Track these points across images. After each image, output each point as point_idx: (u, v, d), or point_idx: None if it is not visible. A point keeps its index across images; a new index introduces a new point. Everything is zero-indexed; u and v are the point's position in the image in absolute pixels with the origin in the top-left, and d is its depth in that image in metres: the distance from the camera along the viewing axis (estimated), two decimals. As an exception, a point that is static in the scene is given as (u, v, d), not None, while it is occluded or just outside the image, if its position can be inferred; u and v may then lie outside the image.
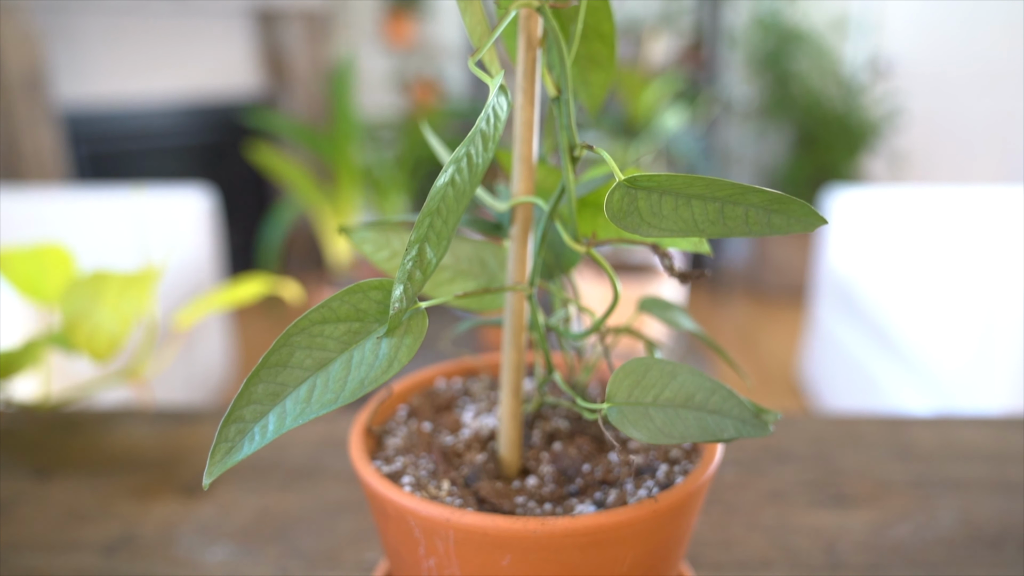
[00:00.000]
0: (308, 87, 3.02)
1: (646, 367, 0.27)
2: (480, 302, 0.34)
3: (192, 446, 0.62)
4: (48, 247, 0.72)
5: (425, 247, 0.25)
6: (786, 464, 0.58)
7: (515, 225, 0.31)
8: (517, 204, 0.31)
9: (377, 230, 0.34)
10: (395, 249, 0.34)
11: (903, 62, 3.07)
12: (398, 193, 1.61)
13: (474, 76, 2.77)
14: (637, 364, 0.27)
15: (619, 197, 0.24)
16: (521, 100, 0.30)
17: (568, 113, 0.29)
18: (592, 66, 0.34)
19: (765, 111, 2.90)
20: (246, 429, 0.25)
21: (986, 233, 1.81)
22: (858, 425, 0.64)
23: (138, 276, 0.58)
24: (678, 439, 0.27)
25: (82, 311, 0.53)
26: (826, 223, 0.25)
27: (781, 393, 2.16)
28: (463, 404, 0.39)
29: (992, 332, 1.31)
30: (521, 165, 0.30)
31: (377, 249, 0.34)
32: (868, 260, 1.85)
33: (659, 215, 0.25)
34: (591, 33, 0.33)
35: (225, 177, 3.02)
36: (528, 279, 0.31)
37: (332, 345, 0.26)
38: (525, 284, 0.30)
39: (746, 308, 2.85)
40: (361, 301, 0.26)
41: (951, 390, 1.43)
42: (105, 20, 2.61)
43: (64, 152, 2.53)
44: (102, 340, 0.52)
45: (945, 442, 0.61)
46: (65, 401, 0.65)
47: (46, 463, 0.60)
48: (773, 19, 2.88)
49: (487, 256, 0.34)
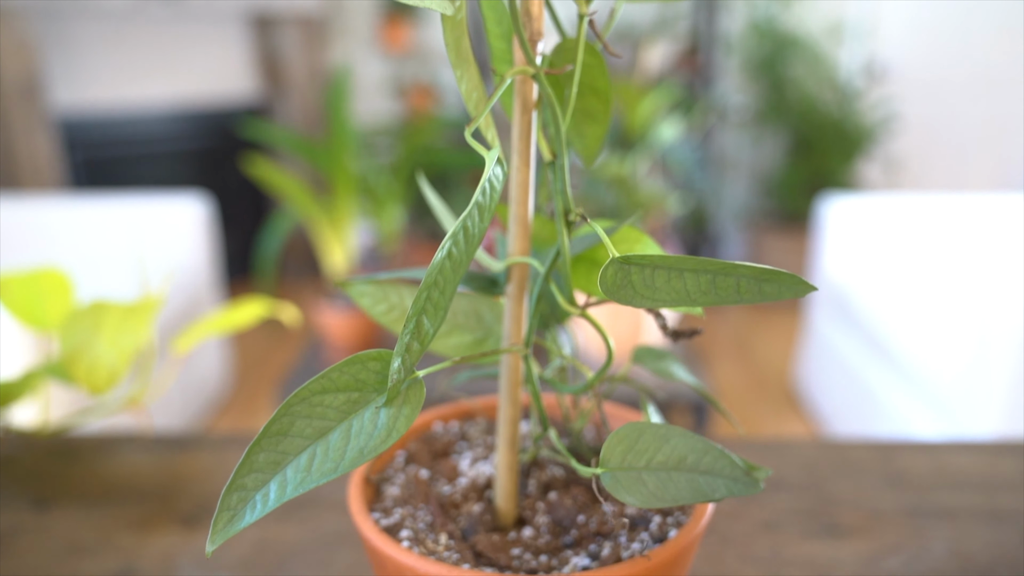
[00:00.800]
0: (304, 92, 3.02)
1: (639, 432, 0.28)
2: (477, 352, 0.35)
3: (191, 474, 0.63)
4: (46, 271, 0.72)
5: (423, 319, 0.26)
6: (780, 492, 0.59)
7: (511, 283, 0.32)
8: (513, 264, 0.31)
9: (374, 285, 0.34)
10: (392, 303, 0.34)
11: (898, 67, 3.08)
12: (395, 203, 1.61)
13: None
14: (631, 429, 0.28)
15: (613, 272, 0.25)
16: (517, 162, 0.30)
17: (563, 178, 0.29)
18: (587, 120, 0.35)
19: (761, 116, 2.90)
20: (248, 497, 0.26)
21: (981, 242, 1.82)
22: (851, 450, 0.65)
23: (137, 306, 0.58)
24: (670, 502, 0.27)
25: (81, 344, 0.54)
26: (815, 290, 0.26)
27: (777, 401, 2.17)
28: (460, 449, 0.39)
29: (987, 341, 1.32)
30: (517, 226, 0.31)
31: (375, 303, 0.34)
32: (863, 268, 1.86)
33: (652, 287, 0.26)
34: (586, 90, 0.34)
35: (221, 182, 3.02)
36: (524, 339, 0.31)
37: (332, 414, 0.26)
38: (521, 345, 0.31)
39: (742, 313, 2.86)
40: (360, 372, 0.26)
41: (947, 399, 1.44)
42: (101, 26, 2.60)
43: (60, 158, 2.53)
44: (101, 374, 0.52)
45: (937, 468, 0.62)
46: (64, 428, 0.65)
47: (45, 493, 0.60)
48: (769, 25, 2.89)
49: (483, 310, 0.34)
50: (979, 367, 1.35)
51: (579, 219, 0.29)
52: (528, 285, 0.32)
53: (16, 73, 2.35)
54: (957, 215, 1.99)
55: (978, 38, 3.05)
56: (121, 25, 2.64)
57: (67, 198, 2.11)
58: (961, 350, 1.40)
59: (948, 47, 3.07)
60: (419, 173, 0.37)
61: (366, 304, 0.34)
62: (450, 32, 0.28)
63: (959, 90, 3.12)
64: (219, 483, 0.61)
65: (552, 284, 0.31)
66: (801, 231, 2.81)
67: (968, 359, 1.38)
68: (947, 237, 1.84)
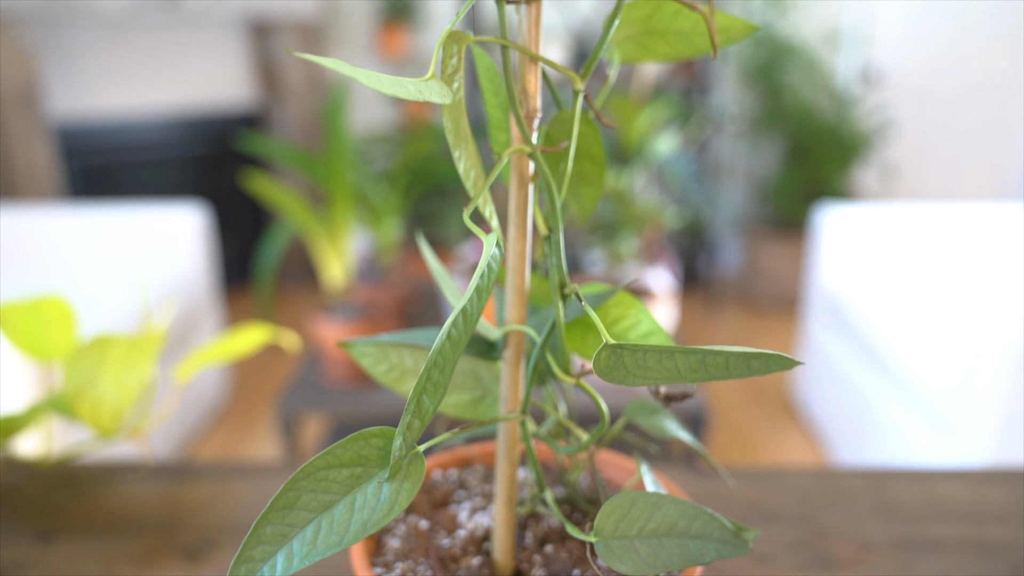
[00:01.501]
0: (301, 99, 3.02)
1: (631, 501, 0.29)
2: (475, 412, 0.36)
3: (192, 504, 0.64)
4: (48, 300, 0.72)
5: (423, 398, 0.27)
6: (773, 524, 0.60)
7: (509, 348, 0.33)
8: (510, 331, 0.32)
9: (376, 346, 0.35)
10: (392, 363, 0.35)
11: (893, 74, 3.10)
12: (392, 215, 1.62)
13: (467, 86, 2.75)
14: (623, 499, 0.29)
15: (606, 356, 0.26)
16: (514, 233, 0.31)
17: (559, 252, 0.30)
18: (583, 183, 0.36)
19: (758, 123, 2.92)
20: (255, 569, 0.27)
21: (977, 252, 1.84)
22: (843, 479, 0.66)
23: (139, 340, 0.59)
24: (662, 568, 0.28)
25: (85, 381, 0.55)
26: (801, 364, 0.27)
27: (774, 409, 2.19)
28: (459, 499, 0.40)
29: (982, 353, 1.33)
30: (514, 294, 0.32)
31: (376, 363, 0.35)
32: (859, 277, 1.88)
33: (644, 367, 0.27)
34: (582, 155, 0.35)
35: (219, 189, 3.02)
36: (521, 406, 0.32)
37: (336, 488, 0.27)
38: (518, 411, 0.32)
39: (739, 319, 2.88)
40: (363, 448, 0.27)
41: (942, 410, 1.45)
42: (98, 33, 2.61)
43: (57, 166, 2.53)
44: (105, 413, 0.53)
45: (928, 497, 0.63)
46: (66, 458, 0.66)
47: (49, 525, 0.61)
48: (765, 32, 2.90)
49: (481, 370, 0.35)
50: (974, 378, 1.36)
51: (574, 294, 0.29)
52: (525, 349, 0.33)
53: (14, 81, 2.35)
54: (953, 224, 2.01)
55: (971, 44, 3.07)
56: (118, 32, 2.65)
57: (65, 207, 2.11)
58: (956, 361, 1.41)
59: (943, 53, 3.08)
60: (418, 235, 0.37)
61: (367, 364, 0.35)
62: (449, 115, 0.28)
63: (954, 96, 3.14)
64: (220, 515, 0.62)
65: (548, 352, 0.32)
66: (797, 237, 2.83)
67: (963, 370, 1.39)
68: (943, 247, 1.86)
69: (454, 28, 0.28)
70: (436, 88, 0.26)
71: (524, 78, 0.30)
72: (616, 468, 0.41)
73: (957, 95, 3.14)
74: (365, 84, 0.23)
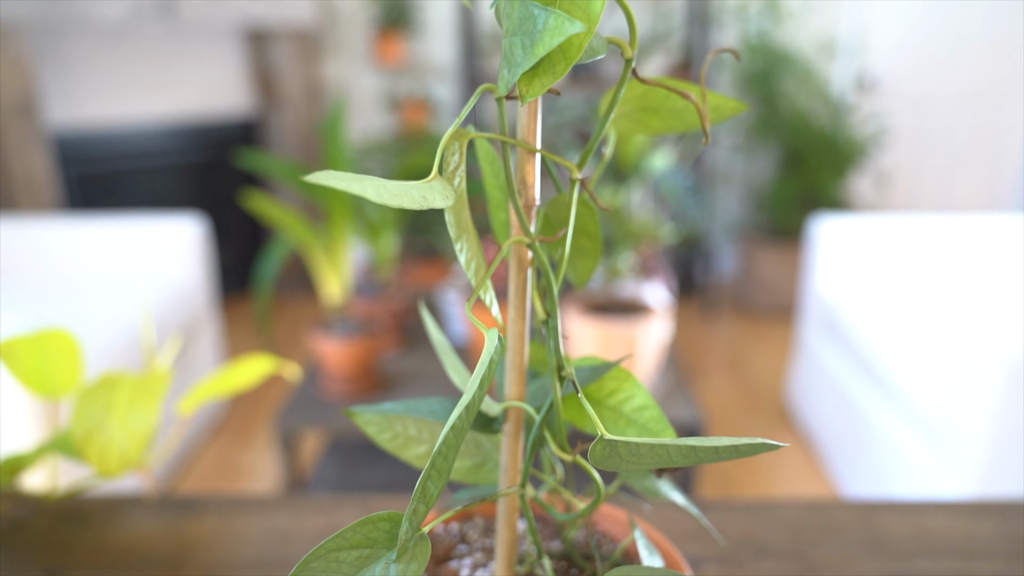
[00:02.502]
0: (298, 107, 3.03)
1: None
2: (476, 476, 0.37)
3: (198, 539, 0.65)
4: (52, 334, 0.74)
5: (428, 484, 0.28)
6: (765, 559, 0.61)
7: (508, 422, 0.34)
8: (509, 407, 0.33)
9: (380, 415, 0.36)
10: (396, 432, 0.37)
11: (888, 82, 3.11)
12: (389, 230, 1.63)
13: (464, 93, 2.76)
14: (621, 573, 0.30)
15: (601, 448, 0.27)
16: (513, 315, 0.33)
17: (556, 337, 0.31)
18: (580, 256, 0.37)
19: (754, 131, 2.93)
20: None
21: (971, 264, 1.86)
22: (833, 512, 0.68)
23: (146, 382, 0.60)
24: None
25: (94, 425, 0.56)
26: (788, 445, 0.28)
27: (769, 416, 2.20)
28: (460, 553, 0.41)
29: (975, 365, 1.35)
30: (514, 372, 0.33)
31: (380, 431, 0.37)
32: (854, 287, 1.89)
33: (637, 455, 0.28)
34: (579, 232, 0.36)
35: (216, 196, 3.03)
36: (520, 480, 0.33)
37: (346, 569, 0.28)
38: (517, 485, 0.33)
39: (735, 325, 2.89)
40: (371, 531, 0.28)
41: (934, 422, 1.47)
42: (95, 43, 2.61)
43: (55, 176, 2.54)
44: (113, 457, 0.54)
45: (916, 531, 0.65)
46: (72, 493, 0.67)
47: (56, 560, 0.62)
48: (761, 40, 2.92)
49: (482, 439, 0.37)
50: (967, 391, 1.38)
51: (571, 376, 0.31)
52: (524, 422, 0.34)
53: (11, 91, 2.36)
54: (948, 236, 2.02)
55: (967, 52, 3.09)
56: (115, 41, 2.65)
57: (63, 218, 2.12)
58: (949, 374, 1.43)
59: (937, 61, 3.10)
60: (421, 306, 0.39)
61: (372, 432, 0.37)
62: (451, 209, 0.30)
63: (948, 104, 3.16)
64: (226, 550, 0.63)
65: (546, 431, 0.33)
66: (794, 245, 2.85)
67: (956, 383, 1.41)
68: (938, 258, 1.88)
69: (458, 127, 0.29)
70: (439, 189, 0.28)
71: (523, 169, 0.31)
72: (613, 521, 0.43)
73: (951, 103, 3.16)
74: (373, 199, 0.24)
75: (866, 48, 3.08)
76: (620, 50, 0.31)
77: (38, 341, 0.72)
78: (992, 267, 1.86)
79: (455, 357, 0.37)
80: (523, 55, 0.26)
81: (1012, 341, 1.30)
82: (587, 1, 0.27)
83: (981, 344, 1.34)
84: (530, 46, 0.25)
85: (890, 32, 3.08)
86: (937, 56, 3.10)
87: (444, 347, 0.37)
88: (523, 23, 0.26)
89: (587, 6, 0.26)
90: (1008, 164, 3.24)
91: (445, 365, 0.36)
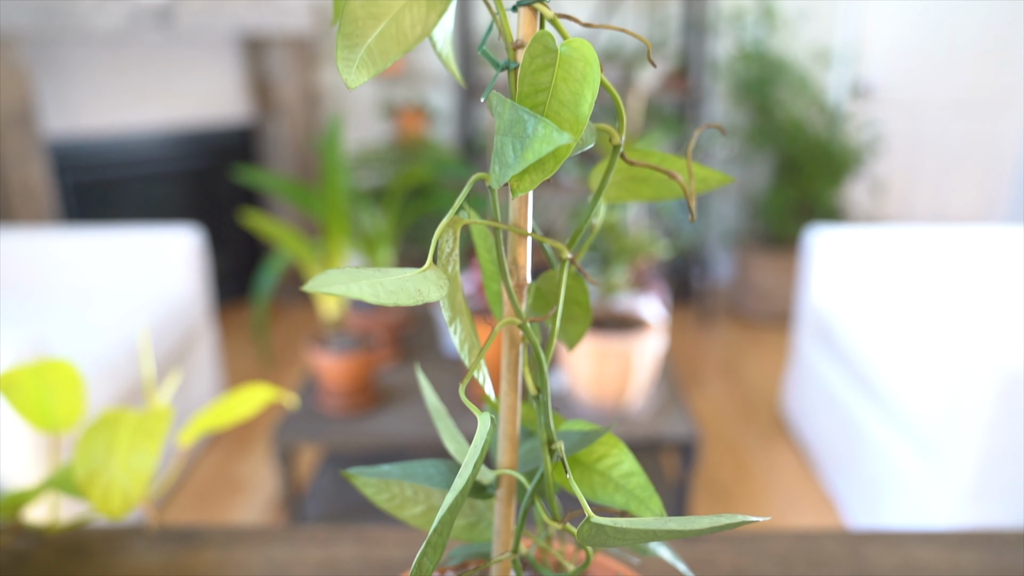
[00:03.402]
0: (295, 114, 3.04)
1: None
2: (471, 534, 0.38)
3: (197, 571, 0.66)
4: (53, 365, 0.74)
5: (424, 560, 0.29)
6: (755, 593, 0.62)
7: (501, 488, 0.35)
8: (501, 475, 0.35)
9: (378, 479, 0.37)
10: (393, 493, 0.38)
11: (882, 89, 3.13)
12: (386, 246, 1.64)
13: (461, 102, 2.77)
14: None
15: (588, 528, 0.28)
16: (505, 388, 0.34)
17: (546, 412, 0.32)
18: (571, 322, 0.38)
19: (749, 138, 2.95)
20: None
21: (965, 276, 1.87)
22: (821, 543, 0.69)
23: (148, 419, 0.61)
24: None
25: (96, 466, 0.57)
26: (768, 519, 0.29)
27: (764, 426, 2.22)
28: (455, 605, 0.43)
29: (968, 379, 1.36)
30: (506, 442, 0.34)
31: (378, 492, 0.38)
32: (848, 298, 1.91)
33: (623, 532, 0.29)
34: (569, 301, 0.37)
35: (213, 203, 3.04)
36: (512, 545, 0.34)
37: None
38: (510, 552, 0.34)
39: (730, 332, 2.91)
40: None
41: (927, 435, 1.48)
42: (92, 51, 2.62)
43: (52, 185, 2.54)
44: (116, 499, 0.55)
45: (902, 563, 0.66)
46: (74, 525, 0.68)
47: (59, 595, 0.63)
48: (756, 48, 2.93)
49: (476, 500, 0.38)
50: (959, 405, 1.39)
51: (560, 451, 0.32)
52: (516, 488, 0.36)
53: (9, 101, 2.36)
54: (942, 248, 2.04)
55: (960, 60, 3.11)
56: (112, 50, 2.65)
57: (60, 229, 2.12)
58: (942, 387, 1.44)
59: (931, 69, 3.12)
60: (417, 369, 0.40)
61: (370, 493, 0.38)
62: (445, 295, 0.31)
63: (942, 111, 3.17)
64: (225, 582, 0.64)
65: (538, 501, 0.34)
66: (789, 252, 2.86)
67: (948, 396, 1.42)
68: (932, 270, 1.89)
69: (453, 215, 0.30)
70: (433, 279, 0.29)
71: (515, 251, 0.32)
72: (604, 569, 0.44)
73: (946, 110, 3.17)
74: (371, 301, 0.25)
75: (861, 56, 3.10)
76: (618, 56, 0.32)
77: (39, 373, 0.73)
78: (986, 279, 1.88)
79: (451, 423, 0.38)
80: (514, 158, 0.27)
81: (1004, 356, 1.31)
82: (575, 104, 0.28)
83: (974, 358, 1.35)
84: (520, 151, 0.26)
85: (885, 40, 3.09)
86: (932, 64, 3.12)
87: (440, 413, 0.38)
88: (513, 126, 0.27)
89: (575, 108, 0.28)
90: (1002, 171, 3.26)
91: (440, 431, 0.37)
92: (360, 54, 0.30)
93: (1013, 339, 1.38)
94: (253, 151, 3.12)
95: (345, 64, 0.29)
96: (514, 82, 0.31)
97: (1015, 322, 1.55)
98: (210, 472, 1.95)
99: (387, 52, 0.31)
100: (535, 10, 0.31)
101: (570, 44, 0.28)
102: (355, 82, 0.29)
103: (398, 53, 0.31)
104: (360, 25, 0.30)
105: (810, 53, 3.05)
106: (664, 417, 1.53)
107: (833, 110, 2.94)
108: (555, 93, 0.28)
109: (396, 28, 0.31)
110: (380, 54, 0.30)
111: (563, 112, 0.28)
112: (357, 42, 0.30)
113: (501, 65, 0.31)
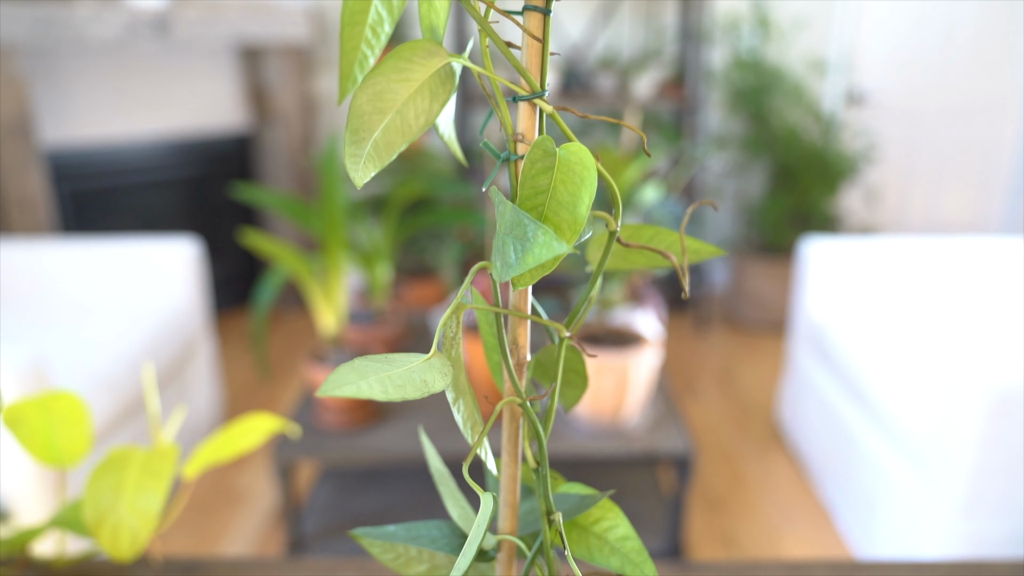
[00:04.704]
0: (292, 122, 3.05)
1: None
2: (472, 592, 0.39)
3: (202, 604, 0.67)
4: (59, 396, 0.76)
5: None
6: (747, 626, 0.64)
7: (502, 552, 0.37)
8: (503, 539, 0.36)
9: (383, 539, 0.39)
10: (399, 552, 0.39)
11: (877, 97, 3.15)
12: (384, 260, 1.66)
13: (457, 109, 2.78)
14: None
15: None
16: (506, 459, 0.35)
17: (546, 484, 0.34)
18: (569, 387, 0.40)
19: (745, 147, 2.97)
20: None
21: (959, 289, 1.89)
22: (812, 572, 0.70)
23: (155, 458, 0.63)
24: None
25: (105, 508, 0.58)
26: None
27: (760, 435, 2.24)
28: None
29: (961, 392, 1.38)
30: (506, 508, 0.36)
31: (384, 552, 0.39)
32: (843, 310, 1.93)
33: None
34: (568, 368, 0.39)
35: (210, 212, 3.04)
36: (513, 610, 0.36)
37: None
38: (511, 617, 0.36)
39: (726, 340, 2.93)
40: None
41: (920, 448, 1.50)
42: (89, 60, 2.62)
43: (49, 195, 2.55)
44: (124, 541, 0.57)
45: (892, 594, 0.68)
46: (79, 559, 0.70)
47: (67, 629, 0.64)
48: (751, 57, 2.95)
49: (479, 563, 0.39)
50: (952, 418, 1.41)
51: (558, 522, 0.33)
52: (516, 551, 0.37)
53: (7, 111, 2.37)
54: (936, 259, 2.06)
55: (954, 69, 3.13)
56: (110, 60, 2.66)
57: (58, 241, 2.13)
58: (934, 401, 1.46)
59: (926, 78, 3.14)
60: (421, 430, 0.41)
61: (376, 552, 0.39)
62: (449, 375, 0.32)
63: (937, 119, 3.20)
64: (229, 615, 0.66)
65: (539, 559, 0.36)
66: (785, 260, 2.88)
67: (941, 410, 1.44)
68: (925, 282, 1.91)
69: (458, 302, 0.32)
70: (438, 367, 0.30)
71: (515, 331, 0.34)
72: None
73: (940, 118, 3.20)
74: (381, 399, 0.27)
75: (855, 64, 3.12)
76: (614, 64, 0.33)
77: (45, 405, 0.74)
78: (980, 292, 1.90)
79: (454, 486, 0.39)
80: (515, 259, 0.28)
81: (996, 372, 1.33)
82: (573, 205, 0.29)
83: (966, 374, 1.37)
84: (521, 253, 0.28)
85: (879, 48, 3.11)
86: (926, 72, 3.14)
87: (443, 477, 0.39)
88: (514, 228, 0.28)
89: (574, 210, 0.29)
90: (996, 179, 3.28)
91: (443, 496, 0.39)
92: (367, 149, 0.31)
93: (1005, 355, 1.40)
94: (250, 159, 3.13)
95: (352, 161, 0.31)
96: (515, 175, 0.32)
97: (1007, 337, 1.57)
98: (209, 484, 1.96)
99: (392, 144, 0.32)
100: (534, 104, 0.32)
101: (568, 149, 0.29)
102: (362, 179, 0.31)
103: (402, 144, 0.33)
104: (366, 120, 0.31)
105: (805, 62, 3.07)
106: (660, 431, 1.54)
107: (828, 118, 2.96)
108: (554, 195, 0.29)
109: (401, 121, 0.32)
110: (385, 147, 0.32)
111: (561, 213, 0.29)
112: (364, 136, 0.31)
113: (502, 157, 0.32)
